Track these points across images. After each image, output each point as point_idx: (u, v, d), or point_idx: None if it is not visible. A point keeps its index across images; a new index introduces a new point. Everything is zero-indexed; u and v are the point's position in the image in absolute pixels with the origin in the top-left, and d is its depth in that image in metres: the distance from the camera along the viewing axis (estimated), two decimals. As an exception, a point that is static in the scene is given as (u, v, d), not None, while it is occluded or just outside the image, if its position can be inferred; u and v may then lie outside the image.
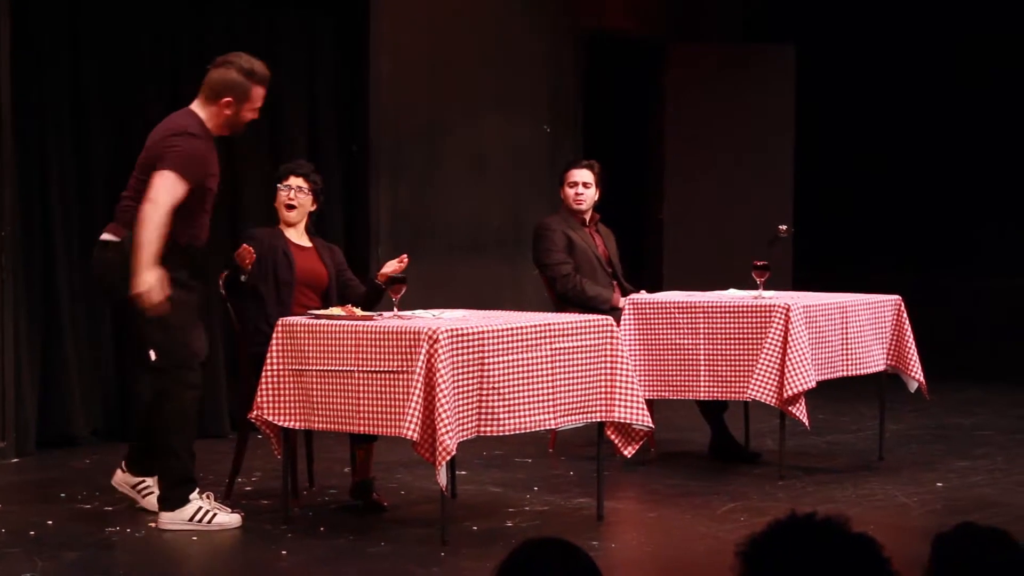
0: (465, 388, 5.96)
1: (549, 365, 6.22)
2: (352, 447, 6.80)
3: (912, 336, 7.89)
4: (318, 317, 6.33)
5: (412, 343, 5.90)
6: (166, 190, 6.18)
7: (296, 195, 7.09)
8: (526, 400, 6.14)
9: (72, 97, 8.31)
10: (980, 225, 11.77)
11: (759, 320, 7.28)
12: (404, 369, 5.90)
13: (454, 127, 10.02)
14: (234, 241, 7.74)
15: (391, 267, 6.95)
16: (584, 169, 8.27)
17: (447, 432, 5.77)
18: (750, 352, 7.28)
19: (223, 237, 8.74)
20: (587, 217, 8.30)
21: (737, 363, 7.32)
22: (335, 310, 6.44)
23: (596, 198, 8.29)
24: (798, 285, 10.27)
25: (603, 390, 6.42)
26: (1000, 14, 11.56)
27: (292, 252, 7.02)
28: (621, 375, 6.42)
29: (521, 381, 6.12)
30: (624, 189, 11.28)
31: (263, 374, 6.29)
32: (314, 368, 6.19)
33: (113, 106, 8.46)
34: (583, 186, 8.23)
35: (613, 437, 6.54)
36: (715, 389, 7.40)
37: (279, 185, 7.13)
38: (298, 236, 7.14)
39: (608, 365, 6.43)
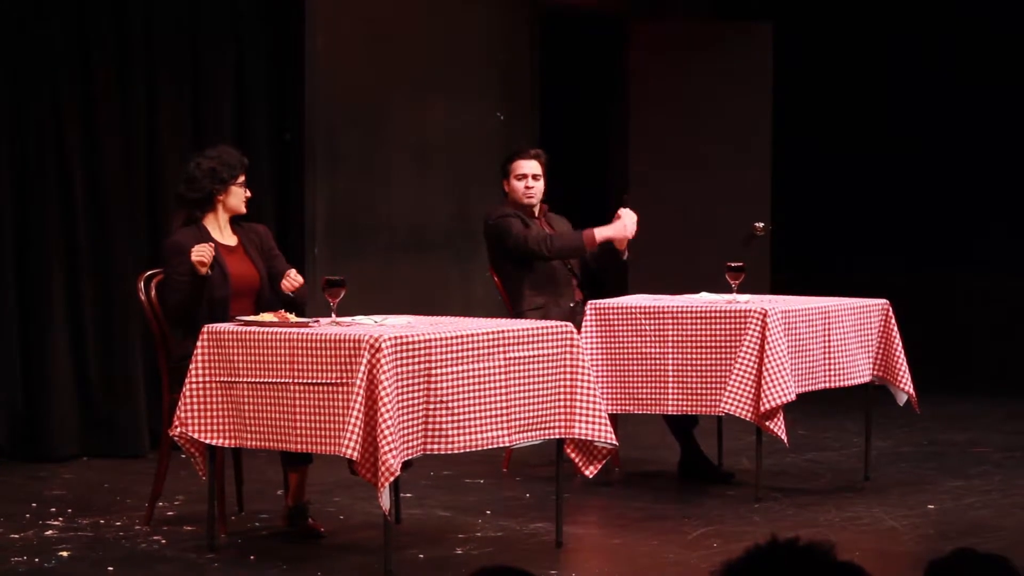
0: (410, 402, 5.97)
1: (503, 376, 6.25)
2: (284, 469, 6.83)
3: (901, 344, 7.94)
4: (248, 324, 6.34)
5: (352, 352, 5.91)
6: None
7: (246, 192, 7.08)
8: (477, 415, 6.16)
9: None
10: (974, 221, 11.81)
11: (733, 327, 7.33)
12: (343, 381, 5.91)
13: (397, 112, 10.02)
14: (155, 238, 7.71)
15: (288, 286, 6.89)
16: (532, 160, 8.32)
17: (390, 450, 5.78)
18: (723, 362, 7.32)
19: (141, 232, 8.74)
20: (536, 209, 8.36)
21: (709, 374, 7.36)
22: (266, 316, 6.43)
23: (544, 190, 8.35)
24: (776, 288, 10.30)
25: (562, 404, 6.45)
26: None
27: (225, 261, 6.91)
28: (582, 387, 6.46)
29: (472, 394, 6.15)
30: (585, 181, 11.32)
31: (186, 386, 6.29)
32: (244, 380, 6.19)
33: (19, 85, 8.42)
34: (532, 178, 8.29)
35: (573, 456, 6.59)
36: (685, 403, 7.44)
37: (237, 182, 6.99)
38: (222, 233, 7.02)
39: (568, 376, 6.46)
